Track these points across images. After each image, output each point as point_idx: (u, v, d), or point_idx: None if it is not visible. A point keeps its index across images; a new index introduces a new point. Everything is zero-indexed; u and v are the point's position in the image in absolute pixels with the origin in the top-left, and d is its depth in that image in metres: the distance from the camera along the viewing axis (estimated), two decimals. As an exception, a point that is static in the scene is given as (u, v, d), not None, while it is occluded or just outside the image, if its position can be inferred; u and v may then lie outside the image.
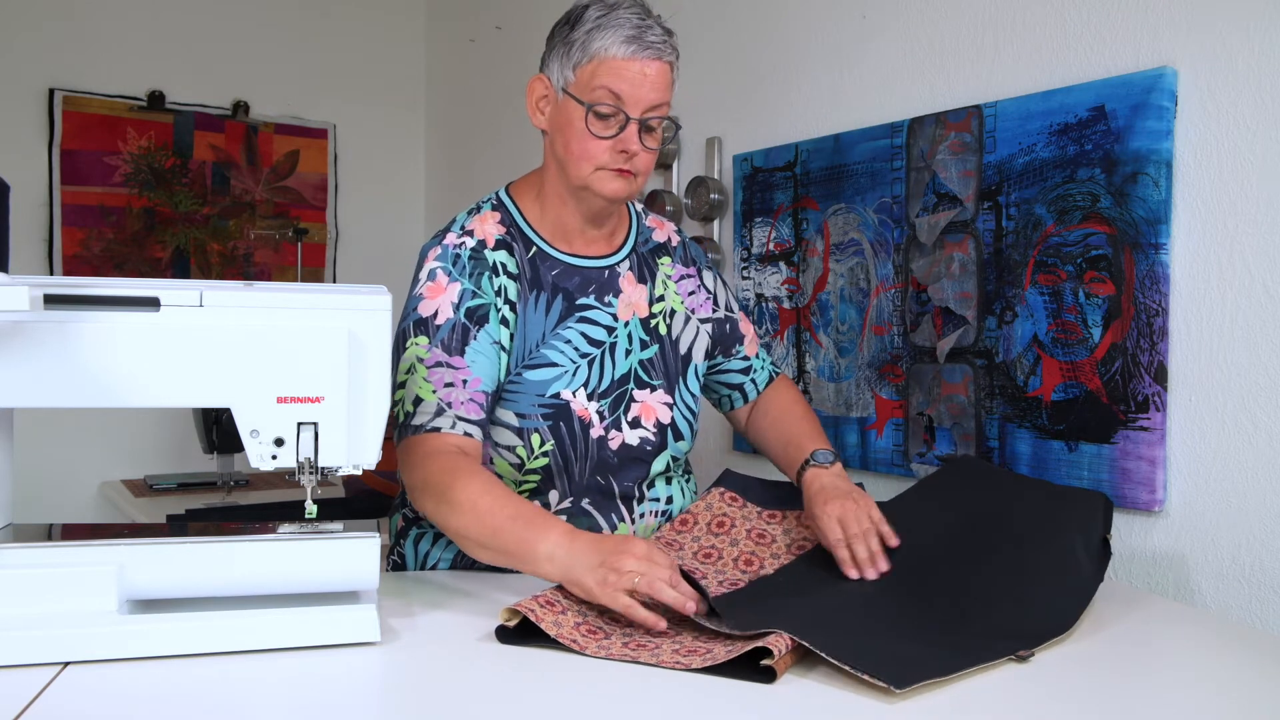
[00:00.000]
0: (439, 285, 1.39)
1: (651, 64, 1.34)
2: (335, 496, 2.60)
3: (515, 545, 1.22)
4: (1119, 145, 1.47)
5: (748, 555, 1.38)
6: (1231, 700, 0.97)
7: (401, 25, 3.68)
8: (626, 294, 1.48)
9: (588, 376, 1.43)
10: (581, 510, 1.43)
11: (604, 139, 1.36)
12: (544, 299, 1.43)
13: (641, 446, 1.45)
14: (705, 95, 2.33)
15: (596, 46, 1.34)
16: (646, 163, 1.40)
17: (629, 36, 1.33)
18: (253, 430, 1.09)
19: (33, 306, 0.97)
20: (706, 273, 1.60)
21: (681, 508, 1.54)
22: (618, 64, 1.34)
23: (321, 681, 0.99)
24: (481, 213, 1.47)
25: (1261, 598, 1.35)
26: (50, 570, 1.03)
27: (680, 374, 1.52)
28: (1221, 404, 1.39)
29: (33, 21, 3.10)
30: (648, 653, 1.05)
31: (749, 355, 1.63)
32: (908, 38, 1.83)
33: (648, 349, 1.49)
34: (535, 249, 1.45)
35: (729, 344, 1.61)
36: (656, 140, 1.40)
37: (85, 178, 3.17)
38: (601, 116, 1.35)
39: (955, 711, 0.93)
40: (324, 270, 3.55)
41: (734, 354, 1.62)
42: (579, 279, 1.46)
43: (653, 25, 1.36)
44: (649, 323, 1.50)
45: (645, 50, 1.34)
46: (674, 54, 1.38)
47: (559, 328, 1.43)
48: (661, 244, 1.56)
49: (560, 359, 1.42)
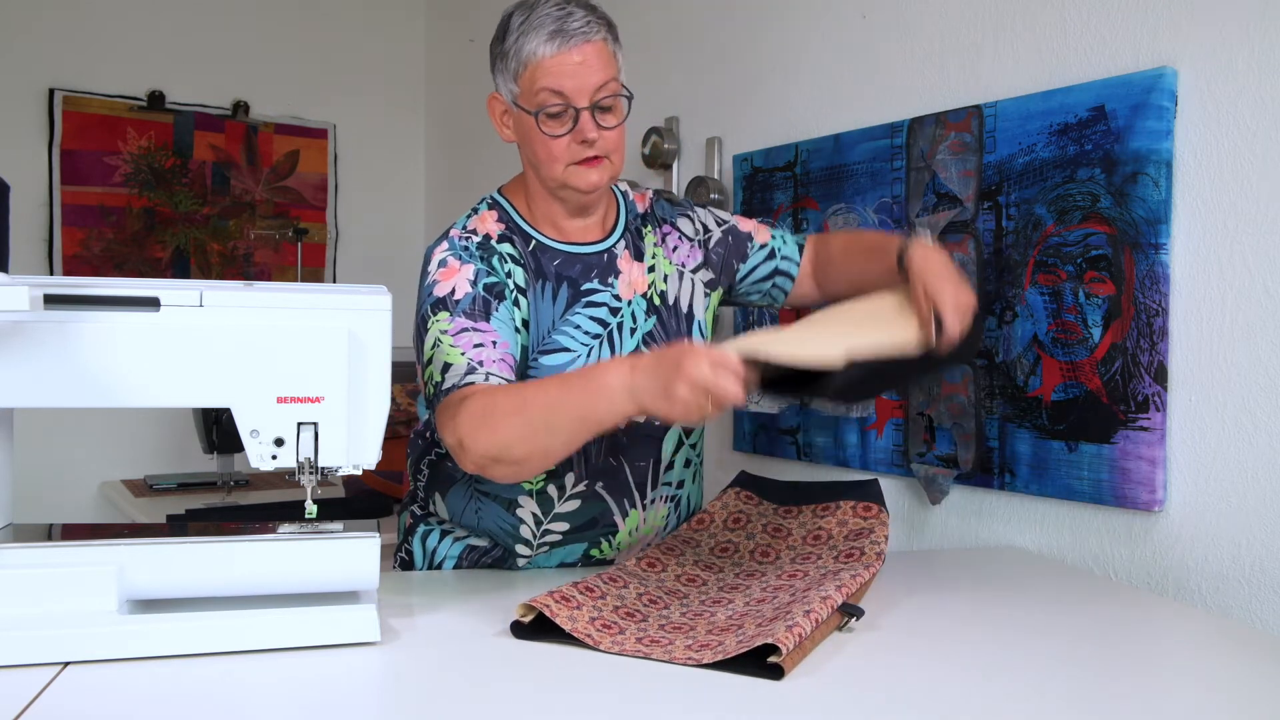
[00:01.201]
0: (452, 268, 1.39)
1: (580, 49, 1.35)
2: (335, 496, 2.60)
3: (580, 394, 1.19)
4: (1119, 145, 1.47)
5: (764, 548, 1.39)
6: (1231, 700, 0.97)
7: (401, 25, 3.68)
8: (626, 273, 1.49)
9: (599, 357, 1.44)
10: (594, 494, 1.45)
11: (562, 136, 1.37)
12: (549, 288, 1.44)
13: (649, 422, 1.46)
14: (705, 95, 2.33)
15: (526, 53, 1.36)
16: (613, 141, 1.40)
17: (551, 33, 1.34)
18: (253, 430, 1.09)
19: (33, 306, 0.98)
20: (680, 220, 1.58)
21: (690, 495, 1.56)
22: (549, 63, 1.35)
23: (321, 681, 0.99)
24: (479, 213, 1.48)
25: (1261, 598, 1.35)
26: (50, 570, 1.03)
27: (684, 334, 1.53)
28: (1221, 404, 1.39)
29: (33, 21, 3.10)
30: (660, 649, 1.05)
31: (764, 242, 1.61)
32: (908, 38, 1.83)
33: (647, 321, 1.50)
34: (534, 242, 1.46)
35: (741, 249, 1.60)
36: (616, 115, 1.40)
37: (85, 178, 3.17)
38: (553, 116, 1.37)
39: (956, 711, 0.93)
40: (324, 270, 3.55)
41: (750, 252, 1.60)
42: (580, 266, 1.47)
43: (572, 12, 1.36)
44: (647, 296, 1.51)
45: (570, 40, 1.34)
46: (603, 28, 1.38)
47: (568, 314, 1.44)
48: (643, 215, 1.57)
49: (572, 344, 1.43)
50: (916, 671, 1.03)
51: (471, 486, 1.48)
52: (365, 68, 3.60)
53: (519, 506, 1.45)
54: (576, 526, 1.46)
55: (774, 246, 1.61)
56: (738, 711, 0.93)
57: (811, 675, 1.00)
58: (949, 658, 1.07)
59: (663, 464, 1.50)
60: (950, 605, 1.25)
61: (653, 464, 1.48)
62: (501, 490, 1.45)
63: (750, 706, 0.93)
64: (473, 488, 1.47)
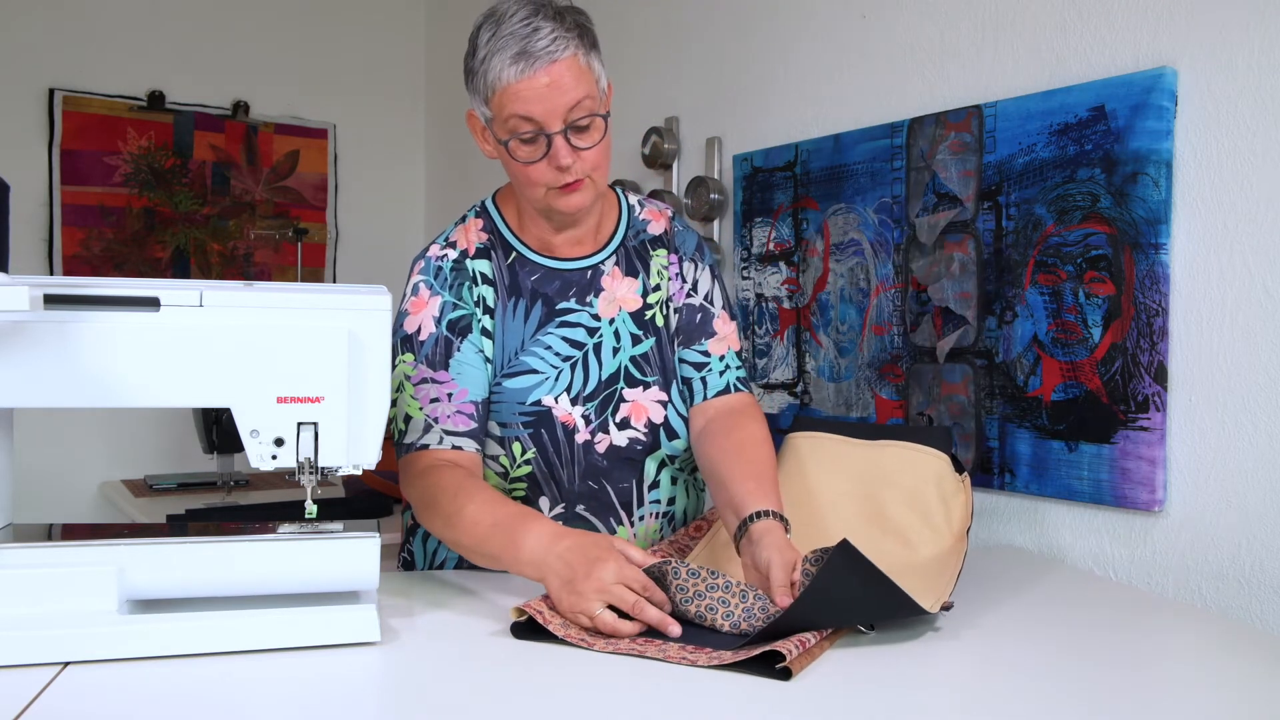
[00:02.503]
0: (421, 300, 1.41)
1: (548, 71, 1.27)
2: (335, 496, 2.60)
3: (500, 550, 1.23)
4: (1119, 145, 1.47)
5: None
6: (1231, 700, 0.97)
7: (401, 25, 3.68)
8: (609, 291, 1.46)
9: (570, 380, 1.42)
10: (576, 516, 1.43)
11: (537, 163, 1.32)
12: (522, 305, 1.42)
13: (631, 447, 1.43)
14: (705, 95, 2.33)
15: (492, 78, 1.29)
16: (592, 162, 1.33)
17: (515, 54, 1.26)
18: (253, 430, 1.09)
19: (33, 306, 0.97)
20: (688, 264, 1.52)
21: (685, 508, 1.53)
22: (515, 88, 1.27)
23: (321, 681, 0.99)
24: (466, 222, 1.47)
25: (1261, 598, 1.35)
26: (50, 570, 1.03)
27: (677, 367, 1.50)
28: (1221, 404, 1.39)
29: (33, 21, 3.10)
30: (655, 648, 1.05)
31: (710, 352, 1.49)
32: (908, 38, 1.83)
33: (641, 344, 1.46)
34: (515, 254, 1.44)
35: (693, 335, 1.50)
36: (594, 135, 1.33)
37: (85, 178, 3.17)
38: (527, 141, 1.31)
39: (956, 711, 0.93)
40: (324, 270, 3.55)
41: (694, 345, 1.50)
42: (559, 283, 1.44)
43: (539, 27, 1.27)
44: (642, 315, 1.47)
45: (536, 62, 1.26)
46: (572, 43, 1.29)
47: (539, 334, 1.42)
48: (657, 236, 1.52)
49: (540, 365, 1.41)
50: (916, 671, 1.03)
51: None
52: (365, 68, 3.60)
53: None
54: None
55: (710, 363, 1.49)
56: (742, 712, 0.93)
57: (812, 675, 1.00)
58: (949, 658, 1.07)
59: (646, 483, 1.46)
60: (950, 605, 1.24)
61: (636, 484, 1.45)
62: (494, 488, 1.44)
63: (752, 706, 0.93)
64: None
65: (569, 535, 1.19)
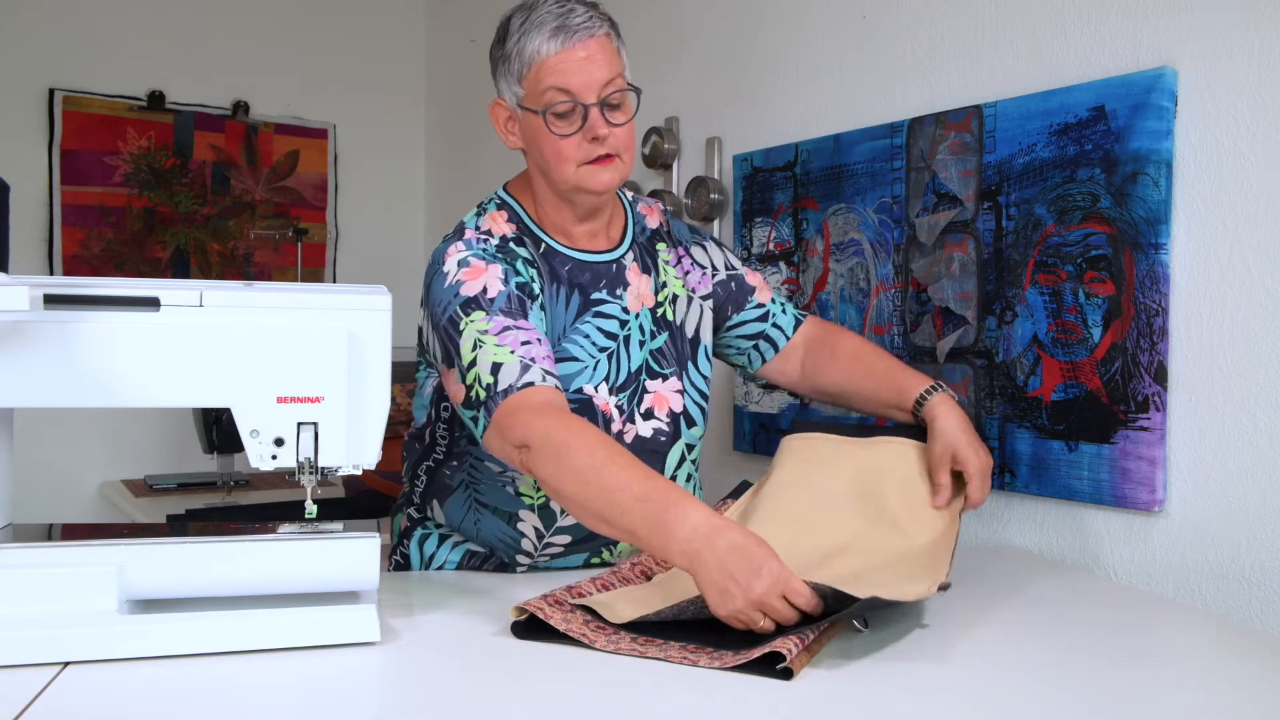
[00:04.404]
0: (477, 268, 1.34)
1: (585, 45, 1.33)
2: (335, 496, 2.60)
3: (644, 528, 1.11)
4: (1119, 145, 1.47)
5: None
6: (1231, 700, 0.97)
7: (401, 25, 3.68)
8: (634, 286, 1.48)
9: (608, 370, 1.43)
10: None
11: (571, 136, 1.35)
12: (562, 293, 1.43)
13: (655, 438, 1.45)
14: (705, 95, 2.33)
15: (529, 52, 1.34)
16: (624, 139, 1.38)
17: (554, 29, 1.32)
18: (253, 430, 1.09)
19: (33, 306, 0.97)
20: (694, 248, 1.58)
21: None
22: (554, 60, 1.33)
23: (321, 681, 0.99)
24: (488, 213, 1.45)
25: (1261, 598, 1.35)
26: (50, 570, 1.03)
27: (690, 357, 1.52)
28: (1221, 404, 1.39)
29: (33, 21, 3.11)
30: (656, 648, 1.05)
31: (763, 302, 1.59)
32: (908, 38, 1.83)
33: (657, 338, 1.48)
34: (545, 245, 1.44)
35: (740, 299, 1.58)
36: (625, 113, 1.38)
37: (85, 178, 3.17)
38: (561, 116, 1.35)
39: (957, 710, 0.93)
40: (324, 270, 3.56)
41: (747, 305, 1.59)
42: (590, 274, 1.45)
43: (573, 8, 1.34)
44: (656, 311, 1.50)
45: (574, 35, 1.32)
46: (605, 23, 1.36)
47: (577, 322, 1.42)
48: (656, 230, 1.56)
49: (581, 354, 1.41)
50: (916, 671, 1.03)
51: (471, 496, 1.46)
52: (365, 68, 3.60)
53: (520, 520, 1.43)
54: (579, 539, 1.44)
55: (770, 310, 1.60)
56: (742, 712, 0.93)
57: (813, 675, 1.00)
58: (948, 658, 1.07)
59: (667, 474, 1.47)
60: (950, 605, 1.24)
61: None
62: (502, 503, 1.43)
63: (753, 706, 0.93)
64: (472, 498, 1.46)
65: (726, 531, 1.08)
